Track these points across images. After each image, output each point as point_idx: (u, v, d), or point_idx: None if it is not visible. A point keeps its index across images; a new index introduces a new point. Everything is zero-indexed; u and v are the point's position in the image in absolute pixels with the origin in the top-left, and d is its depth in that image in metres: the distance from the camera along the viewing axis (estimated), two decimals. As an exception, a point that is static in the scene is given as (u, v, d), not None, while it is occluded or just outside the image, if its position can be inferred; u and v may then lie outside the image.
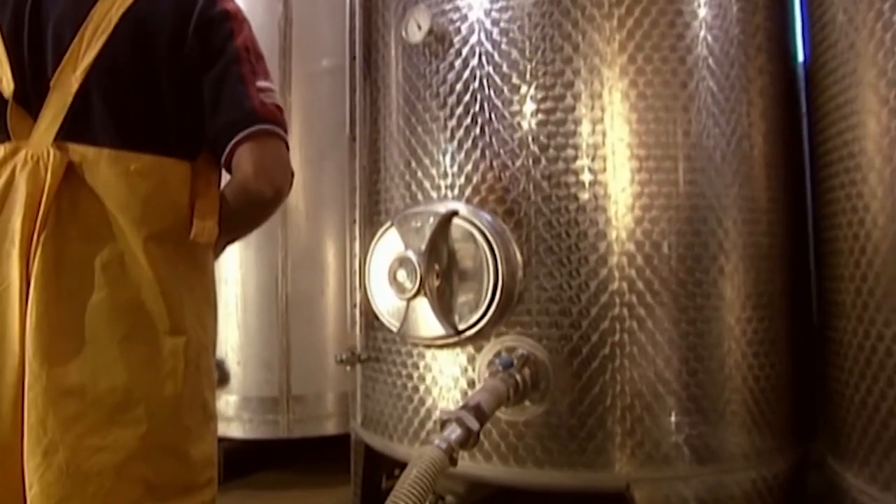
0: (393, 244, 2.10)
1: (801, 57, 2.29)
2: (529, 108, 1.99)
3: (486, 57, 2.04)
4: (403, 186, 2.21)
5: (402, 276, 2.00)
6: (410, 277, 1.98)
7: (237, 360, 3.01)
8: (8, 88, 1.22)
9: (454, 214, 2.01)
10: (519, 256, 1.97)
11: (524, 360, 1.88)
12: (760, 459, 2.00)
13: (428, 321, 2.02)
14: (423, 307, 2.01)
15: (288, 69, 3.07)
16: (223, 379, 2.99)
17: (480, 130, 2.04)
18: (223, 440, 3.01)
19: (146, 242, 1.21)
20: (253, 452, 3.13)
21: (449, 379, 2.07)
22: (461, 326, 1.99)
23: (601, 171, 1.94)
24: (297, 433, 3.01)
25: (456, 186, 2.08)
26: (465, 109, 2.06)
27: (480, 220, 1.98)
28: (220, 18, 1.27)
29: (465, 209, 2.02)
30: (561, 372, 1.92)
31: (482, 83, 2.04)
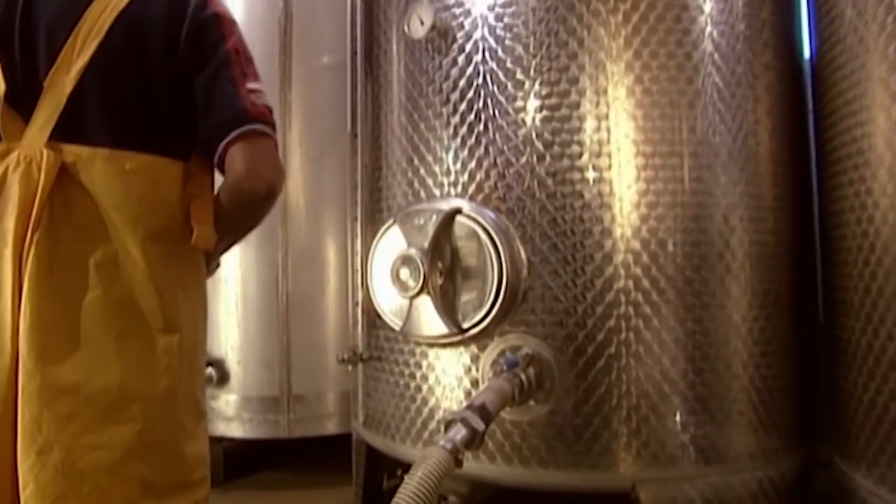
0: (395, 242, 2.08)
1: (807, 53, 2.27)
2: (533, 104, 1.96)
3: (489, 52, 2.02)
4: (406, 184, 2.19)
5: (404, 274, 1.97)
6: (413, 276, 1.95)
7: (237, 359, 3.00)
8: None
9: (457, 212, 1.99)
10: (523, 254, 1.94)
11: (529, 359, 1.85)
12: (767, 459, 1.97)
13: (431, 320, 2.00)
14: (426, 306, 1.99)
15: (288, 66, 3.04)
16: (223, 378, 2.98)
17: (484, 127, 2.01)
18: (223, 440, 3.01)
19: (144, 241, 1.22)
20: (253, 452, 3.12)
21: (452, 378, 2.05)
22: (465, 325, 1.97)
23: (606, 168, 1.91)
24: (297, 433, 2.99)
25: (459, 184, 2.05)
26: (468, 106, 2.04)
27: (484, 217, 1.96)
28: (211, 22, 1.29)
29: (468, 207, 1.99)
30: (566, 371, 1.89)
31: (485, 79, 2.02)
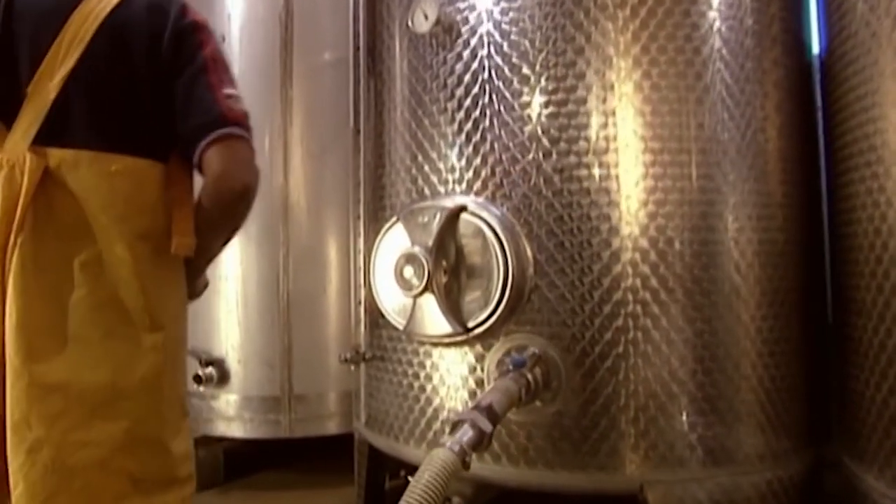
0: (399, 240, 2.05)
1: (815, 50, 2.24)
2: (540, 99, 1.93)
3: (495, 47, 1.99)
4: (409, 181, 2.16)
5: (408, 272, 1.94)
6: (417, 274, 1.93)
7: (238, 358, 2.97)
8: None
9: (462, 209, 1.96)
10: (529, 252, 1.91)
11: (536, 359, 1.83)
12: (776, 460, 1.95)
13: (435, 319, 1.97)
14: (430, 305, 1.96)
15: (289, 62, 3.01)
16: (224, 378, 2.95)
17: (489, 123, 1.98)
18: (224, 440, 2.98)
19: (130, 240, 1.26)
20: (254, 452, 3.10)
21: (457, 378, 2.02)
22: (470, 324, 1.94)
23: (614, 164, 1.88)
24: (298, 433, 2.97)
25: (464, 181, 2.02)
26: (473, 101, 2.01)
27: (489, 214, 1.93)
28: (190, 30, 1.35)
29: (473, 204, 1.97)
30: (573, 371, 1.86)
31: (491, 74, 1.99)
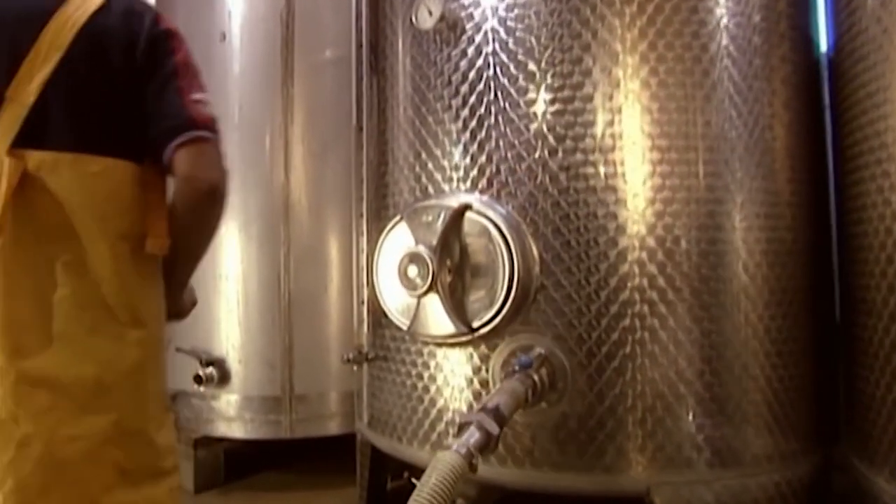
0: (402, 239, 2.02)
1: (822, 47, 2.22)
2: (546, 97, 1.91)
3: (500, 44, 1.96)
4: (413, 179, 2.13)
5: (412, 272, 1.92)
6: (422, 274, 1.90)
7: (238, 358, 2.94)
8: None
9: (467, 208, 1.93)
10: (535, 251, 1.89)
11: (542, 359, 1.80)
12: (784, 462, 1.93)
13: (439, 319, 1.94)
14: (434, 304, 1.94)
15: (290, 61, 2.98)
16: (224, 378, 2.92)
17: (494, 120, 1.96)
18: (224, 440, 2.95)
19: (111, 239, 1.31)
20: (254, 453, 3.07)
21: (461, 379, 2.00)
22: (475, 324, 1.91)
23: (621, 162, 1.86)
24: (299, 433, 2.94)
25: (468, 179, 2.00)
26: (478, 98, 1.98)
27: (495, 213, 1.91)
28: (163, 37, 1.41)
29: (478, 202, 1.94)
30: (579, 372, 1.84)
31: (496, 71, 1.96)
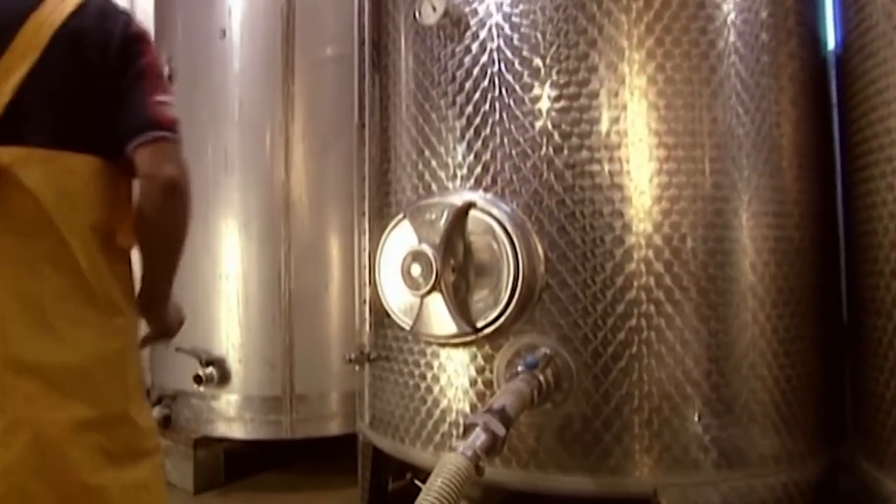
0: (405, 238, 2.00)
1: (830, 44, 2.20)
2: (551, 93, 1.88)
3: (504, 40, 1.94)
4: (416, 176, 2.11)
5: (416, 271, 1.90)
6: (425, 272, 1.88)
7: (238, 358, 2.91)
8: None
9: (471, 206, 1.91)
10: (540, 250, 1.87)
11: (548, 359, 1.78)
12: (792, 463, 1.90)
13: (443, 319, 1.92)
14: (437, 304, 1.91)
15: (291, 57, 2.96)
16: (224, 378, 2.90)
17: (499, 117, 1.93)
18: (224, 441, 2.93)
19: (86, 233, 1.34)
20: (255, 453, 3.04)
21: (465, 380, 1.97)
22: (479, 324, 1.89)
23: (627, 160, 1.84)
24: (300, 433, 2.92)
25: (472, 176, 1.97)
26: (482, 95, 1.96)
27: (499, 211, 1.88)
28: (133, 39, 1.44)
29: (482, 200, 1.92)
30: (584, 372, 1.82)
31: (501, 68, 1.94)
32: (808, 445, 1.95)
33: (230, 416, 2.91)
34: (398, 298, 2.07)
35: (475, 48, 1.98)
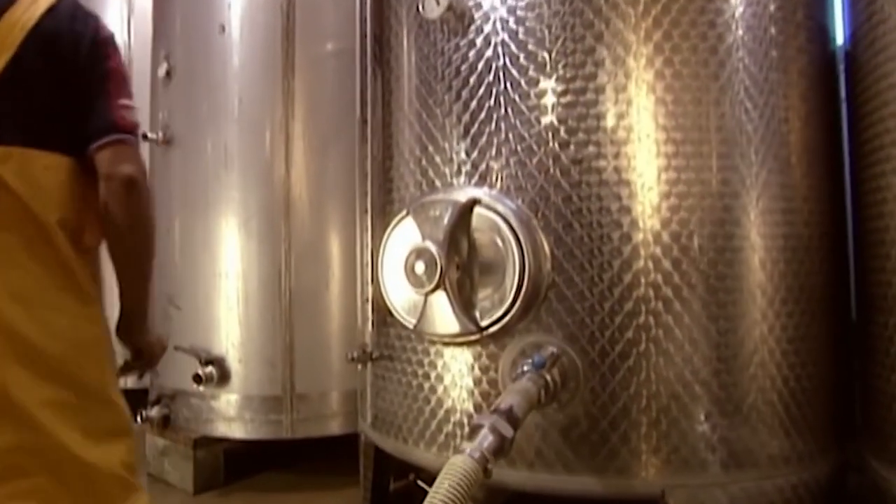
0: (408, 235, 1.97)
1: (839, 38, 2.17)
2: (557, 88, 1.85)
3: (509, 34, 1.90)
4: (420, 173, 2.07)
5: (419, 268, 1.87)
6: (429, 270, 1.85)
7: (238, 357, 2.88)
8: None
9: (476, 202, 1.88)
10: (546, 247, 1.84)
11: (554, 358, 1.75)
12: (801, 463, 1.88)
13: (447, 317, 1.89)
14: (441, 302, 1.88)
15: (291, 53, 2.92)
16: (224, 377, 2.87)
17: (504, 112, 1.90)
18: (224, 441, 2.90)
19: (59, 228, 1.40)
20: (255, 453, 3.01)
21: (469, 379, 1.94)
22: (484, 323, 1.86)
23: (635, 155, 1.81)
24: (300, 433, 2.88)
25: (477, 173, 1.94)
26: (487, 90, 1.92)
27: (505, 208, 1.85)
28: (102, 43, 1.50)
29: (487, 197, 1.89)
30: (591, 371, 1.79)
31: (506, 62, 1.90)
32: (817, 445, 1.93)
33: (230, 415, 2.87)
34: (401, 296, 2.04)
35: (479, 42, 1.95)
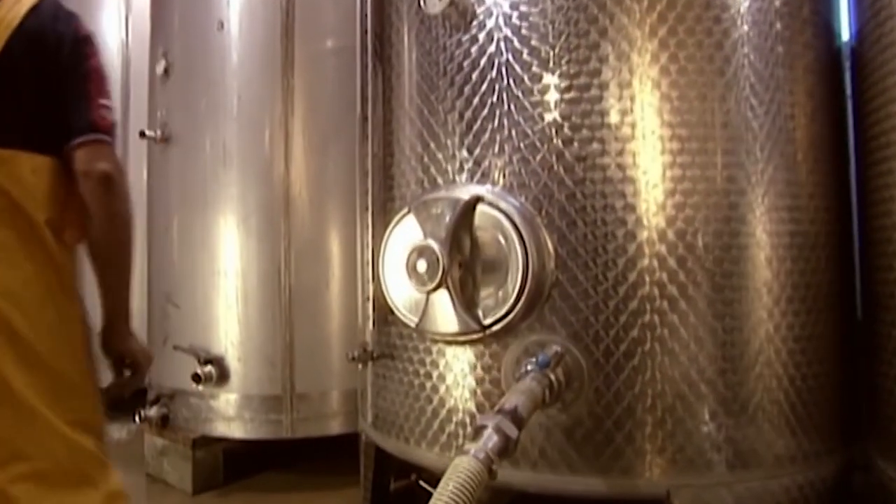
0: (410, 233, 1.95)
1: (844, 34, 2.15)
2: (561, 84, 1.83)
3: (512, 29, 1.88)
4: (421, 170, 2.05)
5: (421, 267, 1.84)
6: (431, 269, 1.83)
7: (238, 356, 2.86)
8: None
9: (479, 200, 1.86)
10: (550, 245, 1.82)
11: (559, 357, 1.73)
12: (807, 462, 1.86)
13: (449, 316, 1.87)
14: (443, 301, 1.86)
15: (291, 50, 2.90)
16: (223, 376, 2.85)
17: (507, 109, 1.88)
18: (223, 440, 2.88)
19: (45, 225, 1.44)
20: (255, 453, 3.00)
21: (472, 378, 1.92)
22: (486, 322, 1.84)
23: (639, 152, 1.79)
24: (300, 433, 2.86)
25: (480, 170, 1.92)
26: (489, 86, 1.90)
27: (508, 205, 1.83)
28: (82, 42, 1.52)
29: (490, 194, 1.87)
30: (596, 371, 1.77)
31: (509, 58, 1.88)
32: (823, 444, 1.91)
33: (229, 415, 2.85)
34: (403, 295, 2.02)
35: (482, 38, 1.92)
